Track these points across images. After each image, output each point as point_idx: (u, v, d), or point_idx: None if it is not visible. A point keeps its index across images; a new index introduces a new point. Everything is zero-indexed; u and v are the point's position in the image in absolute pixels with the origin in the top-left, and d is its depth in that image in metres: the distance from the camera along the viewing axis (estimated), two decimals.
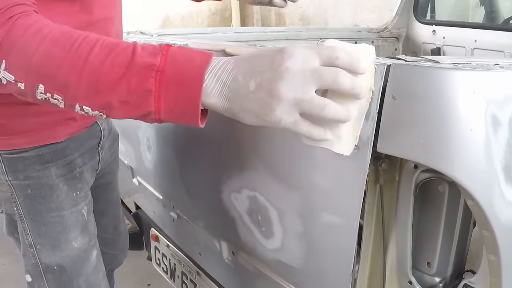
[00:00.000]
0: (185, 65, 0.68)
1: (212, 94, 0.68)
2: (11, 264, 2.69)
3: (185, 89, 0.68)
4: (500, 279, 0.87)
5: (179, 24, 6.89)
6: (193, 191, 1.48)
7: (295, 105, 0.66)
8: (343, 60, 0.67)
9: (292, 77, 0.65)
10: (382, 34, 2.69)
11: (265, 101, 0.65)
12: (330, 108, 0.67)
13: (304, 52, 0.66)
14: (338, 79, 0.66)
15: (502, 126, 0.79)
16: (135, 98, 0.69)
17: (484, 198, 0.80)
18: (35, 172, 1.03)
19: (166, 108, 0.70)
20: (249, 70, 0.67)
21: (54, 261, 1.10)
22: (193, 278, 1.63)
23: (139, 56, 0.69)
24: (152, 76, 0.68)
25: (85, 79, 0.69)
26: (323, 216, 1.01)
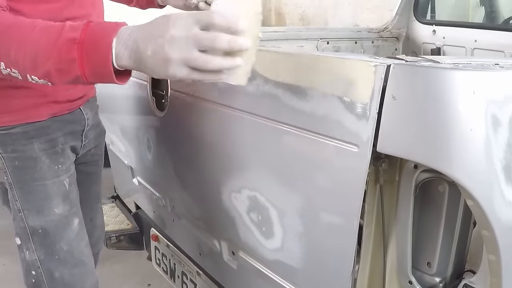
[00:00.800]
0: (99, 36, 0.85)
1: (123, 58, 0.84)
2: (12, 264, 2.69)
3: (99, 55, 0.85)
4: (500, 279, 0.87)
5: None
6: (193, 191, 1.48)
7: (183, 62, 0.81)
8: (220, 25, 0.80)
9: (176, 42, 0.80)
10: (382, 34, 2.69)
11: (160, 63, 0.81)
12: (213, 62, 0.81)
13: (185, 21, 0.81)
14: (215, 44, 0.80)
15: (502, 126, 0.79)
16: (65, 65, 0.87)
17: (484, 198, 0.80)
18: (21, 146, 1.20)
19: (89, 71, 0.87)
20: (145, 36, 0.83)
21: (39, 224, 1.26)
22: (193, 278, 1.63)
23: (66, 32, 0.87)
24: (75, 48, 0.85)
25: (28, 54, 0.89)
26: (323, 216, 1.01)
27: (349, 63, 0.90)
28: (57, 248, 1.29)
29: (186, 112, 1.39)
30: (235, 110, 1.18)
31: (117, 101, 1.93)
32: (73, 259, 1.32)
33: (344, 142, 0.90)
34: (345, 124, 0.89)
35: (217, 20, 0.80)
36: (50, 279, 1.31)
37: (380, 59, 0.86)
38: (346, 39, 2.58)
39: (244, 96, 1.14)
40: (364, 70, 0.85)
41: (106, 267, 2.71)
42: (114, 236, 2.00)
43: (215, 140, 1.31)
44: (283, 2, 6.51)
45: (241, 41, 0.81)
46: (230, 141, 1.24)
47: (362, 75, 0.86)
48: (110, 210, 2.23)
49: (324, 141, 0.94)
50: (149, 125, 1.63)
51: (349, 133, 0.88)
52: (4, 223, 1.64)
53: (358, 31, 2.72)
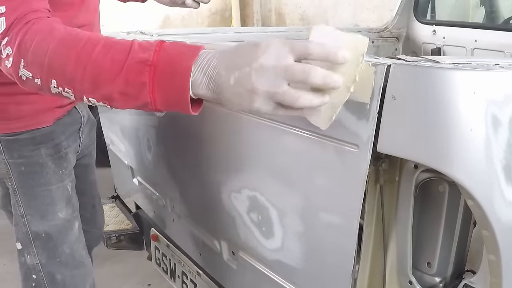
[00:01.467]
0: (175, 59, 0.76)
1: (201, 87, 0.76)
2: (12, 264, 2.69)
3: (176, 82, 0.75)
4: (500, 279, 0.87)
5: (179, 24, 6.89)
6: (193, 191, 1.48)
7: (270, 97, 0.73)
8: (317, 55, 0.72)
9: (264, 73, 0.71)
10: (382, 34, 2.69)
11: (243, 95, 0.73)
12: (303, 99, 0.72)
13: (278, 49, 0.72)
14: (309, 78, 0.71)
15: (502, 126, 0.79)
16: (132, 90, 0.78)
17: (484, 198, 0.80)
18: (28, 152, 1.21)
19: (160, 98, 0.77)
20: (229, 65, 0.74)
21: (42, 229, 1.27)
22: (193, 278, 1.63)
23: (135, 52, 0.78)
24: (146, 70, 0.76)
25: (88, 74, 0.79)
26: (323, 216, 1.01)
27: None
28: (59, 251, 1.30)
29: None
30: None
31: None
32: (74, 261, 1.34)
33: (344, 142, 0.90)
34: (345, 124, 0.89)
35: (315, 50, 0.72)
36: (51, 282, 1.32)
37: (380, 59, 0.86)
38: None
39: None
40: (364, 70, 0.85)
41: (106, 267, 2.71)
42: (114, 236, 2.00)
43: (215, 140, 1.31)
44: (283, 2, 6.51)
45: (336, 78, 0.73)
46: (230, 141, 1.24)
47: (362, 75, 0.86)
48: (110, 210, 2.23)
49: (324, 141, 0.94)
50: (149, 125, 1.64)
51: (349, 133, 0.88)
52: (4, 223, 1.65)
53: (358, 31, 2.72)
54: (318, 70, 0.72)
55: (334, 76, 0.73)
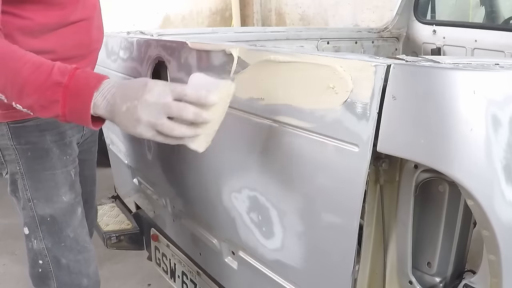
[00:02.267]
0: (83, 84, 0.96)
1: (100, 108, 0.96)
2: (12, 264, 2.69)
3: (80, 102, 0.96)
4: (501, 279, 0.87)
5: (179, 24, 6.90)
6: (193, 191, 1.48)
7: (151, 126, 0.91)
8: (190, 97, 0.91)
9: (147, 107, 0.90)
10: (383, 34, 2.69)
11: (131, 121, 0.92)
12: (177, 131, 0.91)
13: (160, 89, 0.91)
14: (182, 113, 0.90)
15: (502, 126, 0.79)
16: (48, 104, 0.98)
17: (485, 198, 0.80)
18: (34, 138, 1.30)
19: (69, 113, 0.97)
20: (123, 95, 0.94)
21: (48, 212, 1.35)
22: (193, 278, 1.63)
23: (54, 75, 0.97)
24: (60, 91, 0.96)
25: (16, 86, 0.99)
26: (324, 216, 1.01)
27: (349, 63, 0.90)
28: (63, 235, 1.38)
29: None
30: (235, 110, 1.18)
31: None
32: (78, 246, 1.41)
33: (344, 142, 0.90)
34: (345, 124, 0.89)
35: (189, 93, 0.91)
36: (57, 267, 1.39)
37: (380, 59, 0.86)
38: (346, 39, 2.58)
39: (244, 96, 1.14)
40: (364, 70, 0.85)
41: (106, 267, 2.71)
42: (114, 236, 2.00)
43: (215, 140, 1.31)
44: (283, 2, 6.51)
45: (205, 116, 0.91)
46: (230, 141, 1.24)
47: (362, 75, 0.86)
48: (110, 210, 2.23)
49: (324, 141, 0.94)
50: None
51: (349, 133, 0.88)
52: (5, 222, 1.65)
53: (358, 31, 2.72)
54: (191, 108, 0.90)
55: (203, 114, 0.91)
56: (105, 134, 2.20)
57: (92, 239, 1.85)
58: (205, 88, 0.93)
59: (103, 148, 2.53)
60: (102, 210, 2.21)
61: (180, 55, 1.40)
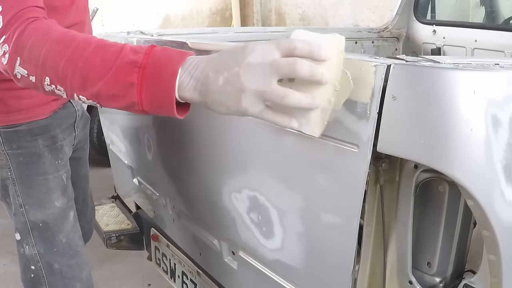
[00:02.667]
0: (164, 63, 0.78)
1: (187, 89, 0.77)
2: (12, 264, 2.69)
3: (162, 84, 0.77)
4: (501, 279, 0.87)
5: (179, 24, 6.90)
6: (193, 191, 1.48)
7: (259, 96, 0.73)
8: (302, 50, 0.73)
9: (252, 71, 0.72)
10: (383, 34, 2.69)
11: (232, 95, 0.74)
12: (290, 97, 0.73)
13: (263, 47, 0.74)
14: (296, 68, 0.72)
15: (502, 126, 0.79)
16: (120, 90, 0.80)
17: (485, 198, 0.80)
18: (26, 142, 1.27)
19: (147, 100, 0.79)
20: (218, 67, 0.75)
21: (40, 218, 1.32)
22: (193, 278, 1.63)
23: (126, 54, 0.80)
24: (135, 71, 0.78)
25: (79, 71, 0.81)
26: (323, 216, 1.01)
27: (349, 63, 0.90)
28: (56, 240, 1.36)
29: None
30: None
31: None
32: (70, 251, 1.40)
33: (344, 142, 0.90)
34: (345, 124, 0.89)
35: (299, 46, 0.73)
36: (49, 272, 1.37)
37: (380, 59, 0.86)
38: (346, 39, 2.56)
39: None
40: (364, 70, 0.85)
41: (106, 267, 2.71)
42: (114, 236, 2.00)
43: (215, 140, 1.31)
44: (284, 2, 6.52)
45: (322, 70, 0.75)
46: (230, 140, 1.24)
47: (362, 75, 0.86)
48: (110, 210, 2.23)
49: (324, 141, 0.94)
50: (149, 125, 1.63)
51: (349, 133, 0.88)
52: (5, 222, 1.65)
53: (358, 31, 2.72)
54: (304, 61, 0.73)
55: (320, 68, 0.74)
56: (105, 134, 2.20)
57: (92, 239, 1.86)
58: (315, 41, 0.77)
59: (103, 148, 2.52)
60: (102, 210, 2.21)
61: None
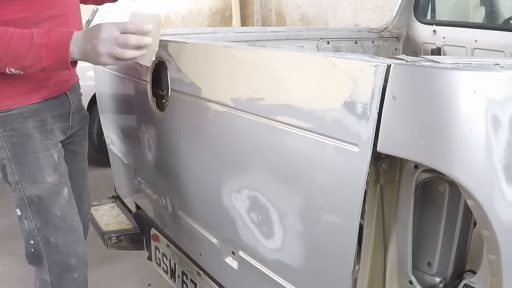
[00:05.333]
0: (59, 41, 1.27)
1: (75, 53, 1.27)
2: (11, 264, 2.69)
3: (61, 54, 1.27)
4: (501, 279, 0.87)
5: (179, 24, 6.90)
6: (194, 191, 1.48)
7: (109, 54, 1.25)
8: (131, 29, 1.25)
9: (103, 42, 1.24)
10: (383, 34, 2.69)
11: (95, 55, 1.25)
12: (127, 54, 1.26)
13: (109, 27, 1.25)
14: (128, 41, 1.24)
15: (502, 126, 0.79)
16: (35, 61, 1.27)
17: (485, 198, 0.80)
18: (18, 125, 1.45)
19: (52, 64, 1.27)
20: (86, 39, 1.26)
21: (35, 193, 1.48)
22: (194, 278, 1.63)
23: (35, 38, 1.26)
24: (43, 49, 1.26)
25: (9, 54, 1.27)
26: (324, 216, 1.01)
27: (349, 63, 0.90)
28: (51, 214, 1.50)
29: (186, 112, 1.39)
30: (235, 110, 1.18)
31: (118, 101, 1.93)
32: (66, 225, 1.53)
33: (345, 142, 0.90)
34: (346, 124, 0.89)
35: (130, 26, 1.26)
36: (46, 246, 1.51)
37: (380, 59, 0.86)
38: (347, 39, 2.58)
39: (244, 95, 1.14)
40: (364, 70, 0.85)
41: (106, 267, 2.71)
42: (115, 236, 2.00)
43: (215, 140, 1.31)
44: (284, 2, 6.52)
45: (145, 40, 1.27)
46: (230, 141, 1.24)
47: (362, 75, 0.86)
48: (110, 210, 2.23)
49: (324, 141, 0.94)
50: (149, 125, 1.64)
51: (350, 133, 0.88)
52: (5, 222, 1.65)
53: (358, 31, 2.72)
54: (133, 37, 1.25)
55: (144, 39, 1.27)
56: (105, 134, 2.20)
57: (92, 239, 1.86)
58: (142, 20, 1.28)
59: (103, 148, 2.52)
60: (102, 210, 2.21)
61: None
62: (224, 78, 1.22)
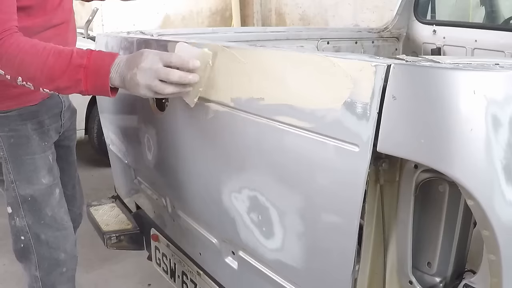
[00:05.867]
0: (100, 64, 1.19)
1: (114, 79, 1.19)
2: (12, 264, 2.69)
3: (100, 78, 1.19)
4: (501, 279, 0.87)
5: (179, 24, 6.90)
6: (194, 191, 1.48)
7: (148, 88, 1.16)
8: (176, 63, 1.15)
9: (143, 73, 1.15)
10: (383, 34, 2.69)
11: (134, 85, 1.16)
12: (167, 90, 1.16)
13: (152, 57, 1.16)
14: (169, 77, 1.15)
15: (502, 126, 0.79)
16: (72, 84, 1.20)
17: (485, 198, 0.80)
18: (17, 126, 1.47)
19: (90, 89, 1.20)
20: (128, 66, 1.17)
21: (29, 193, 1.52)
22: (194, 278, 1.63)
23: (74, 59, 1.19)
24: (81, 71, 1.18)
25: (44, 74, 1.20)
26: (324, 216, 1.01)
27: (349, 63, 0.90)
28: (43, 213, 1.55)
29: (186, 112, 1.39)
30: (235, 110, 1.18)
31: (118, 101, 1.93)
32: (56, 223, 1.58)
33: (344, 142, 0.90)
34: (346, 124, 0.89)
35: (174, 60, 1.16)
36: (37, 242, 1.56)
37: (380, 59, 0.87)
38: (347, 39, 2.58)
39: (244, 95, 1.14)
40: (364, 70, 0.85)
41: (106, 267, 2.71)
42: (115, 236, 2.00)
43: (215, 140, 1.31)
44: (283, 2, 6.52)
45: (190, 77, 1.17)
46: (230, 141, 1.24)
47: (362, 75, 0.86)
48: (110, 210, 2.23)
49: (324, 141, 0.94)
50: (149, 125, 1.64)
51: (350, 133, 0.89)
52: (5, 222, 1.65)
53: (358, 31, 2.72)
54: (176, 72, 1.15)
55: (189, 76, 1.16)
56: (105, 134, 2.20)
57: (92, 239, 1.86)
58: (189, 55, 1.19)
59: (103, 148, 2.52)
60: (102, 210, 2.21)
61: None
62: (224, 78, 1.22)
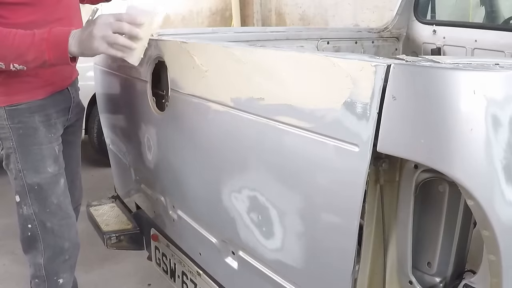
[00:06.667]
0: (59, 35, 1.38)
1: (72, 46, 1.37)
2: (12, 264, 2.69)
3: (60, 46, 1.37)
4: (501, 279, 0.87)
5: (179, 24, 6.90)
6: (194, 191, 1.48)
7: (103, 37, 1.34)
8: (126, 18, 1.35)
9: (99, 26, 1.33)
10: (383, 34, 2.69)
11: (89, 40, 1.34)
12: (120, 40, 1.35)
13: (105, 16, 1.35)
14: (121, 27, 1.35)
15: (502, 126, 0.79)
16: (38, 54, 1.37)
17: (485, 198, 0.80)
18: (25, 118, 1.58)
19: (52, 58, 1.38)
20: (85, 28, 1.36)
21: (35, 181, 1.61)
22: (193, 278, 1.63)
23: (37, 35, 1.37)
24: (44, 43, 1.36)
25: (13, 51, 1.38)
26: (324, 216, 1.01)
27: (349, 63, 0.90)
28: (48, 202, 1.63)
29: (186, 112, 1.39)
30: (235, 110, 1.18)
31: (118, 101, 1.93)
32: (61, 212, 1.67)
33: (344, 142, 0.90)
34: (345, 124, 0.89)
35: (124, 16, 1.36)
36: (43, 230, 1.65)
37: (380, 59, 0.86)
38: (346, 39, 2.58)
39: (244, 95, 1.14)
40: (364, 70, 0.85)
41: (106, 267, 2.71)
42: (115, 236, 2.00)
43: (215, 140, 1.31)
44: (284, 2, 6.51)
45: (136, 30, 1.37)
46: (230, 141, 1.24)
47: (362, 75, 0.86)
48: (110, 210, 2.23)
49: (324, 141, 0.94)
50: (149, 125, 1.64)
51: (349, 133, 0.89)
52: (5, 222, 1.66)
53: (358, 31, 2.72)
54: (126, 25, 1.35)
55: (136, 29, 1.37)
56: (105, 134, 2.20)
57: (92, 239, 1.86)
58: (137, 14, 1.37)
59: (103, 148, 2.52)
60: (102, 210, 2.21)
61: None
62: (224, 78, 1.22)
